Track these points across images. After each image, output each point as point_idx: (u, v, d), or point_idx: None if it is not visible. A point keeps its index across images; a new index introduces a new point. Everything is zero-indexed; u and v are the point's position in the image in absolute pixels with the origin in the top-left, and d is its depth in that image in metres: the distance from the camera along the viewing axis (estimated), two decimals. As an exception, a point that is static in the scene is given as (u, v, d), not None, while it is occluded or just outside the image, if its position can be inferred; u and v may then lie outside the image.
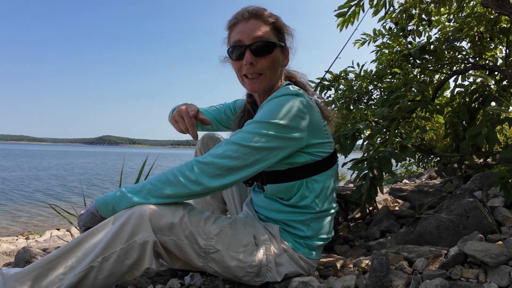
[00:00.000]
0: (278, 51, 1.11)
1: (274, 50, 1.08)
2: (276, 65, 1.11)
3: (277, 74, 1.13)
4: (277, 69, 1.12)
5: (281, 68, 1.16)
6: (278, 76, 1.15)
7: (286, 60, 1.16)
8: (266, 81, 1.10)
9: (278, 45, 1.09)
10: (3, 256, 1.82)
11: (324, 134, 1.08)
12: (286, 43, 1.15)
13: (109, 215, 0.95)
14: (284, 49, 1.14)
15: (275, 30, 1.10)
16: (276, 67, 1.11)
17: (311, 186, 1.08)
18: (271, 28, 1.08)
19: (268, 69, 1.08)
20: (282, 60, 1.15)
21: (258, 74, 1.09)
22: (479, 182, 1.62)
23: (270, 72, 1.09)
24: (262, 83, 1.10)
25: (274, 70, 1.10)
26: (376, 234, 1.78)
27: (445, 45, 2.05)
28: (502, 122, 1.49)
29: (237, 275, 1.02)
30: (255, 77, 1.09)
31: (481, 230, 1.23)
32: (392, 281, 0.98)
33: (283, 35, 1.13)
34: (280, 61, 1.13)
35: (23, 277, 0.86)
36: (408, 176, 5.91)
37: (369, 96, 2.35)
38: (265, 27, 1.07)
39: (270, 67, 1.08)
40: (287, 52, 1.16)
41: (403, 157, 1.59)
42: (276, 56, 1.09)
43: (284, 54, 1.15)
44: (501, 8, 1.59)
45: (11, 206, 7.11)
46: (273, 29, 1.09)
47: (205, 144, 1.50)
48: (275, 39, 1.09)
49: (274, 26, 1.10)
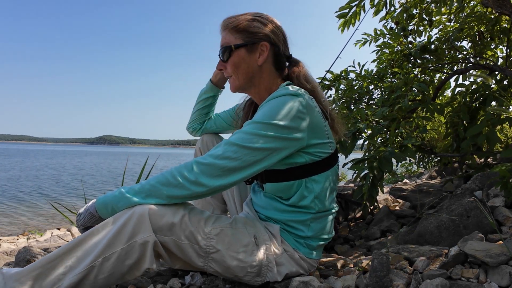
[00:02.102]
0: (241, 52, 1.10)
1: (232, 53, 1.10)
2: (241, 66, 1.11)
3: (248, 74, 1.11)
4: (244, 69, 1.11)
5: (258, 66, 1.11)
6: (259, 74, 1.12)
7: (263, 57, 1.11)
8: (236, 81, 1.14)
9: (236, 47, 1.09)
10: (3, 255, 1.82)
11: (324, 135, 1.07)
12: (256, 40, 1.10)
13: (108, 215, 0.95)
14: (252, 48, 1.10)
15: (237, 33, 1.10)
16: (241, 68, 1.11)
17: (310, 186, 1.07)
18: (233, 32, 1.11)
19: (233, 72, 1.13)
20: (256, 58, 1.11)
21: (229, 75, 1.16)
22: (479, 182, 1.62)
23: (236, 73, 1.12)
24: (232, 84, 1.16)
25: (240, 71, 1.12)
26: (376, 234, 1.78)
27: (446, 45, 2.05)
28: (503, 122, 1.49)
29: (237, 275, 1.02)
30: (229, 78, 1.17)
31: (482, 230, 1.23)
32: (393, 280, 0.98)
33: (251, 33, 1.10)
34: (246, 61, 1.10)
35: (23, 277, 0.86)
36: (408, 176, 5.91)
37: (369, 96, 2.35)
38: (228, 34, 1.11)
39: (233, 69, 1.12)
40: (264, 47, 1.11)
41: (404, 157, 1.59)
42: (236, 58, 1.10)
43: (254, 53, 1.11)
44: (501, 8, 1.59)
45: (11, 206, 7.12)
46: (236, 32, 1.10)
47: (205, 144, 1.50)
48: (236, 41, 1.10)
49: (236, 29, 1.10)
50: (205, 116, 1.54)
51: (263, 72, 1.13)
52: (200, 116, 1.53)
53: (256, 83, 1.14)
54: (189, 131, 1.60)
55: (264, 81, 1.14)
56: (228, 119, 1.51)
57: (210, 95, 1.50)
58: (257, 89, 1.16)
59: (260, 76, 1.14)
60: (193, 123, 1.56)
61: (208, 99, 1.51)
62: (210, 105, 1.52)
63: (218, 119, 1.53)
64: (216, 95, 1.51)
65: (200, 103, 1.52)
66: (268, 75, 1.14)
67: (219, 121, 1.53)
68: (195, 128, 1.56)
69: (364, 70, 2.35)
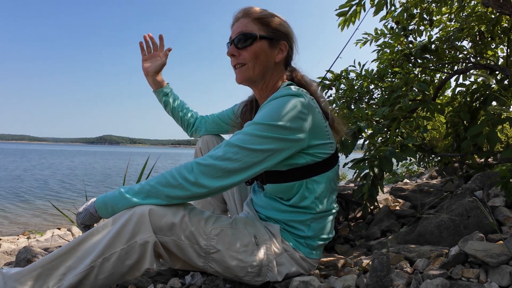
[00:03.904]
0: (264, 44, 1.09)
1: (255, 42, 1.08)
2: (260, 56, 1.09)
3: (264, 67, 1.11)
4: (263, 61, 1.10)
5: (274, 62, 1.12)
6: (272, 70, 1.13)
7: (281, 55, 1.13)
8: (248, 71, 1.11)
9: (260, 37, 1.09)
10: (4, 255, 1.82)
11: (325, 135, 1.07)
12: (279, 37, 1.12)
13: (108, 216, 0.96)
14: (274, 43, 1.11)
15: (262, 25, 1.10)
16: (260, 59, 1.10)
17: (311, 187, 1.07)
18: (257, 23, 1.10)
19: (250, 60, 1.10)
20: (275, 54, 1.12)
21: (242, 64, 1.11)
22: (480, 181, 1.62)
23: (253, 63, 1.10)
24: (244, 73, 1.11)
25: (258, 62, 1.10)
26: (376, 233, 1.78)
27: (446, 45, 2.05)
28: (503, 122, 1.49)
29: (237, 275, 1.02)
30: (239, 67, 1.12)
31: (482, 229, 1.23)
32: (393, 280, 0.98)
33: (274, 29, 1.11)
34: (267, 54, 1.10)
35: (23, 277, 0.87)
36: (408, 175, 5.91)
37: (370, 95, 2.35)
38: (251, 22, 1.10)
39: (252, 58, 1.09)
40: (283, 46, 1.12)
41: (404, 157, 1.59)
42: (258, 48, 1.09)
43: (275, 48, 1.12)
44: (502, 7, 1.59)
45: (11, 205, 7.12)
46: (260, 23, 1.10)
47: (206, 144, 1.50)
48: (259, 32, 1.09)
49: (261, 21, 1.10)
50: (185, 112, 1.56)
51: (276, 69, 1.14)
52: (180, 116, 1.56)
53: (267, 79, 1.14)
54: (189, 135, 1.63)
55: (273, 79, 1.15)
56: (226, 119, 1.51)
57: (163, 98, 1.55)
58: (265, 85, 1.15)
59: (272, 73, 1.14)
60: (185, 127, 1.59)
61: (167, 102, 1.55)
62: (174, 101, 1.56)
63: (215, 119, 1.53)
64: (166, 93, 1.55)
65: (166, 109, 1.57)
66: (277, 74, 1.15)
67: (217, 121, 1.52)
68: (191, 130, 1.58)
69: (365, 70, 2.35)
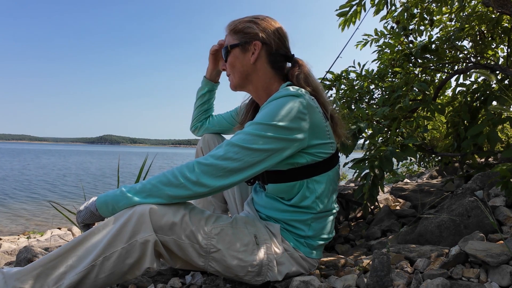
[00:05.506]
0: (236, 51, 1.15)
1: (229, 53, 1.16)
2: (236, 64, 1.16)
3: (243, 72, 1.15)
4: (239, 68, 1.15)
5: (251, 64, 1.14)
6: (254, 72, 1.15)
7: (255, 55, 1.13)
8: (233, 80, 1.19)
9: (231, 47, 1.15)
10: (4, 255, 1.83)
11: (325, 135, 1.07)
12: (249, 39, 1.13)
13: (109, 214, 0.96)
14: (245, 47, 1.13)
15: (234, 34, 1.16)
16: (236, 67, 1.16)
17: (312, 186, 1.07)
18: (232, 34, 1.17)
19: (230, 71, 1.19)
20: (249, 57, 1.13)
21: (228, 75, 1.22)
22: (480, 181, 1.62)
23: (233, 72, 1.18)
24: (231, 82, 1.21)
25: (236, 70, 1.16)
26: (377, 233, 1.78)
27: (447, 44, 2.05)
28: (504, 122, 1.49)
29: (238, 275, 1.02)
30: (229, 77, 1.22)
31: (482, 229, 1.23)
32: (393, 280, 0.98)
33: (244, 33, 1.14)
34: (241, 60, 1.15)
35: (24, 276, 0.87)
36: (409, 175, 5.91)
37: (370, 95, 2.34)
38: (228, 36, 1.18)
39: (230, 69, 1.18)
40: (256, 46, 1.13)
41: (404, 157, 1.59)
42: (232, 58, 1.16)
43: (247, 51, 1.13)
44: (502, 7, 1.59)
45: (11, 205, 7.13)
46: (233, 33, 1.16)
47: (206, 144, 1.51)
48: (232, 42, 1.16)
49: (234, 31, 1.16)
50: (205, 113, 1.56)
51: (258, 70, 1.15)
52: (200, 113, 1.55)
53: (253, 81, 1.17)
54: (191, 130, 1.62)
55: (260, 79, 1.16)
56: (229, 119, 1.52)
57: (206, 90, 1.52)
58: (254, 87, 1.18)
59: (256, 74, 1.16)
60: (195, 122, 1.57)
61: (204, 95, 1.53)
62: (208, 101, 1.54)
63: (219, 118, 1.55)
64: (212, 89, 1.53)
65: (198, 100, 1.54)
66: (263, 74, 1.16)
67: (221, 120, 1.54)
68: (197, 126, 1.57)
69: (365, 70, 2.34)
